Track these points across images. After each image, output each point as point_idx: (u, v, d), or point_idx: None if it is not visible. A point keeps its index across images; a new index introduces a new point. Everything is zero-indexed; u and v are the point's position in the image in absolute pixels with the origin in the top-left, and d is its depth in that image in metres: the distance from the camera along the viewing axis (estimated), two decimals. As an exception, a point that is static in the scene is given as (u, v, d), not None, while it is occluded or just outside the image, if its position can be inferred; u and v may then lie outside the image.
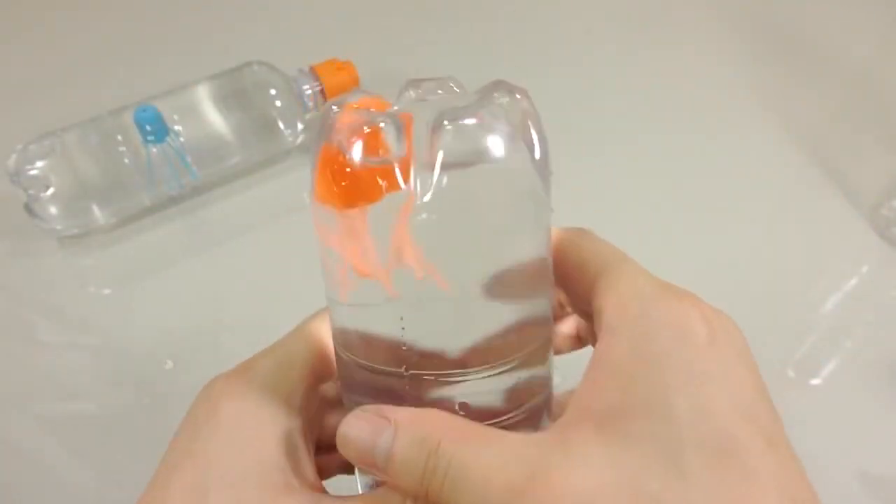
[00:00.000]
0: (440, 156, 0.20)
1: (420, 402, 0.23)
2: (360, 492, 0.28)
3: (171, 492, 0.22)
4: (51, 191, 0.46)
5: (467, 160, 0.20)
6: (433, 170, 0.20)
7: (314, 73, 0.53)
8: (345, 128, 0.20)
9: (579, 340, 0.29)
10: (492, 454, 0.19)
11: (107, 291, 0.49)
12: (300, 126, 0.54)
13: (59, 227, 0.48)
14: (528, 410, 0.25)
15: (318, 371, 0.26)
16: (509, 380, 0.23)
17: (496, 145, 0.20)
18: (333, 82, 0.54)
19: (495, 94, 0.22)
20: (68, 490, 0.40)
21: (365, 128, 0.20)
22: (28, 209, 0.47)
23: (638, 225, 0.51)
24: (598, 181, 0.54)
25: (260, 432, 0.23)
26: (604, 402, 0.19)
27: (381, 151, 0.20)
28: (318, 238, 0.22)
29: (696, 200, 0.55)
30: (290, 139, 0.54)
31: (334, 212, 0.21)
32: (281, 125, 0.53)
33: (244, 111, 0.52)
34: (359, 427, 0.21)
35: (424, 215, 0.20)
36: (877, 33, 0.70)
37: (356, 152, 0.20)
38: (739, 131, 0.60)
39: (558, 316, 0.29)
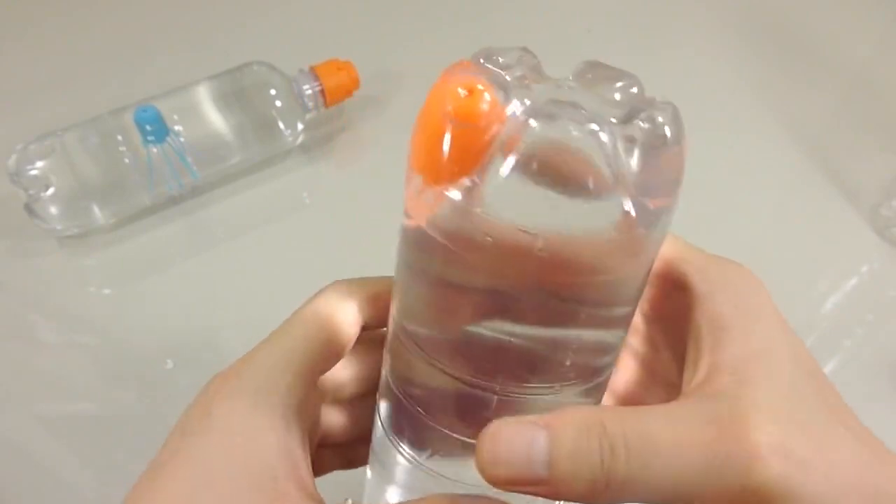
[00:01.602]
0: (648, 178, 0.19)
1: (470, 407, 0.22)
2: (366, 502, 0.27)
3: (157, 494, 0.21)
4: (51, 191, 0.46)
5: (666, 177, 0.20)
6: (634, 189, 0.19)
7: (314, 73, 0.53)
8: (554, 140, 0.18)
9: None
10: (667, 422, 0.19)
11: (107, 291, 0.49)
12: (300, 126, 0.54)
13: (59, 227, 0.48)
14: None
15: (319, 364, 0.25)
16: (592, 394, 0.23)
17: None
18: (333, 82, 0.54)
19: (638, 94, 0.21)
20: (68, 490, 0.40)
21: (578, 151, 0.18)
22: (28, 209, 0.47)
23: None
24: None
25: (253, 437, 0.22)
26: (726, 355, 0.21)
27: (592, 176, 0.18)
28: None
29: (696, 200, 0.54)
30: (290, 139, 0.54)
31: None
32: (281, 125, 0.53)
33: (244, 111, 0.52)
34: (508, 442, 0.19)
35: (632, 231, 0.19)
36: (877, 33, 0.70)
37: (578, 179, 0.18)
38: (739, 131, 0.60)
39: None
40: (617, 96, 0.20)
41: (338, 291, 0.26)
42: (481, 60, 0.20)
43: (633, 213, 0.19)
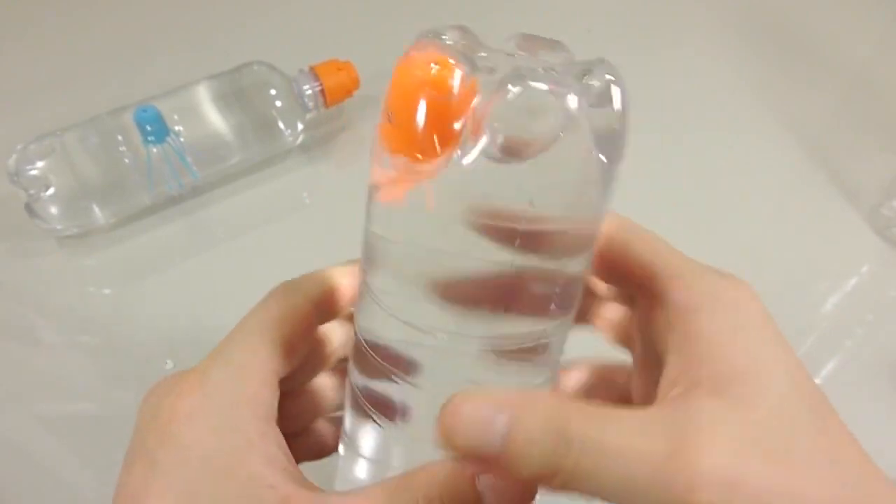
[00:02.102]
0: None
1: (441, 369, 0.23)
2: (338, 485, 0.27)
3: None
4: (51, 191, 0.46)
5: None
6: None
7: (314, 73, 0.53)
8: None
9: None
10: (624, 429, 0.19)
11: (107, 291, 0.49)
12: (300, 126, 0.54)
13: (59, 227, 0.48)
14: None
15: (278, 367, 0.25)
16: (548, 351, 0.24)
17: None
18: (333, 82, 0.54)
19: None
20: (68, 490, 0.40)
21: (549, 109, 0.20)
22: (28, 209, 0.47)
23: (638, 225, 0.51)
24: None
25: (235, 453, 0.22)
26: (706, 371, 0.20)
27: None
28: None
29: (696, 201, 0.55)
30: (290, 139, 0.54)
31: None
32: (281, 125, 0.53)
33: (244, 111, 0.52)
34: (469, 412, 0.19)
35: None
36: (877, 33, 0.70)
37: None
38: (739, 131, 0.60)
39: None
40: (559, 60, 0.22)
41: (284, 292, 0.27)
42: (429, 39, 0.22)
43: (604, 160, 0.20)
